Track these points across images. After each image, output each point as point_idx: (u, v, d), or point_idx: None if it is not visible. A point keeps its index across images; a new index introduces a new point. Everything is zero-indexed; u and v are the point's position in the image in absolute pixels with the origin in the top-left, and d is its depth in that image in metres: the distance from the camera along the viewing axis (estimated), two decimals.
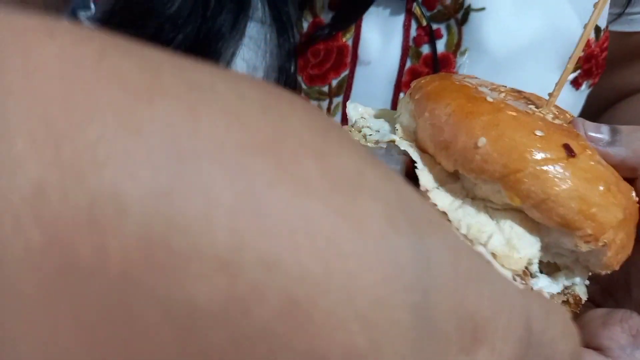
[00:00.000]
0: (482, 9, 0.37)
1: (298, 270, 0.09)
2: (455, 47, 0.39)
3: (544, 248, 0.23)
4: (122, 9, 0.36)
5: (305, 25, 0.38)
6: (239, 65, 0.36)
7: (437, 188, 0.23)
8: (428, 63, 0.38)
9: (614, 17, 0.45)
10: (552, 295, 0.24)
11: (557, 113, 0.25)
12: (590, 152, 0.22)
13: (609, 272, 0.24)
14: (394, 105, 0.39)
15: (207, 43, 0.35)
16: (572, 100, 0.43)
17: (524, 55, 0.39)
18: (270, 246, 0.09)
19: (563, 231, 0.21)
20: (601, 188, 0.21)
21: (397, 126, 0.25)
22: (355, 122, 0.26)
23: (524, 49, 0.39)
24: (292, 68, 0.37)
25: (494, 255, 0.21)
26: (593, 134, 0.24)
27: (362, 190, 0.11)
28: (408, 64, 0.38)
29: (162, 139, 0.09)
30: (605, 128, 0.24)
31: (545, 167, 0.21)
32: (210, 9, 0.35)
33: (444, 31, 0.38)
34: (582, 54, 0.41)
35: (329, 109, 0.39)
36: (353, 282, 0.10)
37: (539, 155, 0.21)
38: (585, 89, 0.45)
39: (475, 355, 0.13)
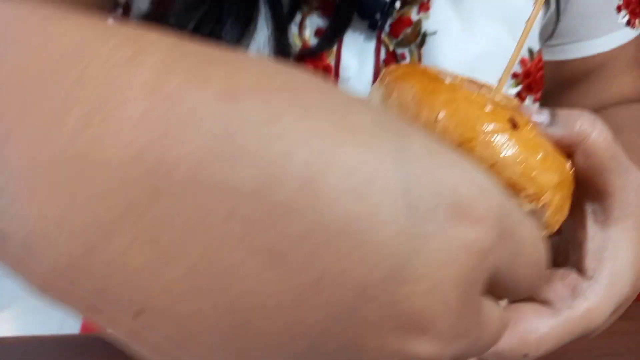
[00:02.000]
0: (435, 32, 0.46)
1: (305, 163, 0.13)
2: None
3: None
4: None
5: (296, 49, 0.45)
6: None
7: None
8: None
9: (548, 47, 0.53)
10: None
11: (505, 100, 0.29)
12: (531, 126, 0.26)
13: (550, 232, 0.28)
14: None
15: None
16: None
17: (473, 69, 0.45)
18: (286, 147, 0.13)
19: (510, 192, 0.25)
20: (540, 155, 0.25)
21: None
22: None
23: (472, 63, 0.47)
24: None
25: None
26: (536, 117, 0.28)
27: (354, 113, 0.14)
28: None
29: None
30: (545, 111, 0.28)
31: (493, 136, 0.24)
32: (221, 26, 0.41)
33: (407, 54, 0.47)
34: (519, 70, 0.47)
35: None
36: (348, 165, 0.13)
37: (488, 126, 0.25)
38: (529, 104, 0.52)
39: (458, 227, 0.14)
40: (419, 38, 0.46)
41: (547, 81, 0.55)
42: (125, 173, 0.12)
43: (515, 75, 0.49)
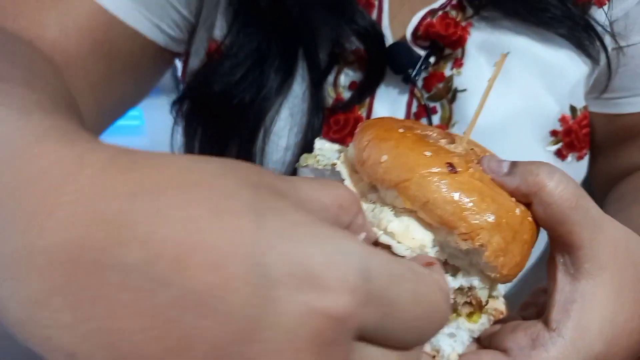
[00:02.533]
0: (464, 90, 0.47)
1: (180, 244, 0.16)
2: (448, 120, 0.48)
3: (440, 247, 0.28)
4: (200, 82, 0.48)
5: (330, 100, 0.48)
6: (281, 121, 0.47)
7: (361, 199, 0.30)
8: None
9: (594, 99, 0.52)
10: (454, 291, 0.29)
11: (471, 149, 0.31)
12: (472, 171, 0.28)
13: (502, 276, 0.28)
14: None
15: (265, 98, 0.46)
16: None
17: (504, 128, 0.47)
18: (167, 232, 0.16)
19: (445, 230, 0.27)
20: (475, 197, 0.27)
21: (341, 155, 0.33)
22: (314, 151, 0.34)
23: (504, 123, 0.46)
24: (319, 129, 0.47)
25: (392, 234, 0.27)
26: (495, 167, 0.30)
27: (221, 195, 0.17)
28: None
29: None
30: (506, 163, 0.30)
31: (428, 178, 0.27)
32: (264, 77, 0.46)
33: (438, 108, 0.48)
34: (559, 127, 0.47)
35: None
36: (212, 243, 0.16)
37: (424, 169, 0.27)
38: (572, 161, 0.50)
39: (309, 294, 0.16)
40: (450, 94, 0.47)
41: (599, 134, 0.53)
42: (54, 256, 0.16)
43: (554, 133, 0.48)
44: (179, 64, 0.56)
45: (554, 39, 0.46)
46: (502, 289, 0.32)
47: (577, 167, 0.51)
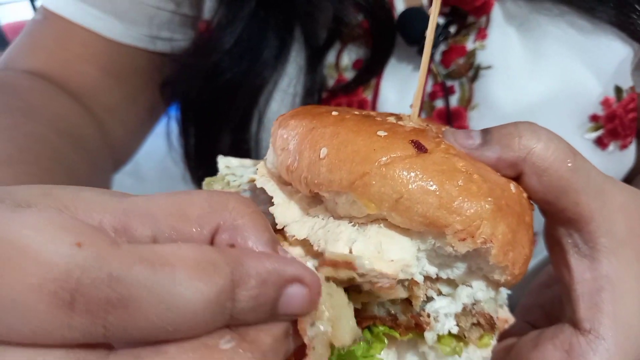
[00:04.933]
0: (489, 67, 0.39)
1: None
2: (467, 102, 0.40)
3: (427, 258, 0.20)
4: (194, 51, 0.45)
5: (331, 82, 0.41)
6: (274, 103, 0.41)
7: (298, 220, 0.21)
8: (441, 116, 0.40)
9: None
10: (457, 316, 0.21)
11: (424, 125, 0.23)
12: (444, 146, 0.21)
13: (511, 278, 0.21)
14: None
15: (257, 73, 0.41)
16: (599, 161, 0.39)
17: (535, 113, 0.39)
18: None
19: (433, 232, 0.19)
20: (460, 179, 0.19)
21: (259, 166, 0.24)
22: (219, 173, 0.25)
23: (535, 106, 0.39)
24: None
25: (359, 258, 0.18)
26: (464, 141, 0.22)
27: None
28: (423, 116, 0.41)
29: None
30: (476, 132, 0.23)
31: (392, 165, 0.19)
32: (260, 42, 0.42)
33: (457, 88, 0.40)
34: (600, 112, 0.40)
35: None
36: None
37: (383, 154, 0.19)
38: (614, 150, 0.42)
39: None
40: (471, 71, 0.39)
41: None
42: None
43: (594, 118, 0.40)
44: None
45: (597, 16, 0.39)
46: (504, 292, 0.24)
47: (621, 158, 0.43)
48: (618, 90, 0.40)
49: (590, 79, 0.39)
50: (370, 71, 0.40)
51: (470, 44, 0.39)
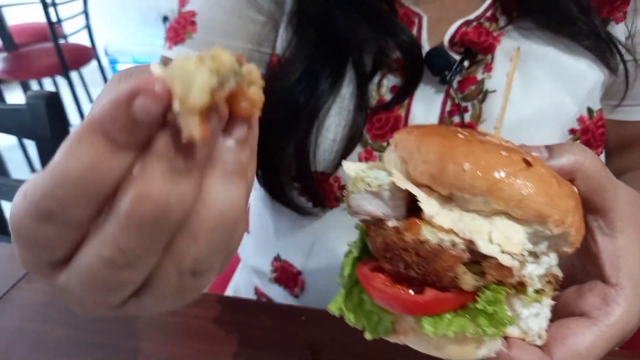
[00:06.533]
0: (494, 90, 0.52)
1: None
2: (477, 118, 0.53)
3: (529, 239, 0.29)
4: (269, 77, 0.54)
5: (373, 102, 0.53)
6: (331, 117, 0.52)
7: (439, 213, 0.29)
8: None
9: (610, 108, 0.58)
10: (539, 277, 0.31)
11: (504, 141, 0.32)
12: (538, 160, 0.30)
13: (573, 250, 0.31)
14: None
15: (319, 96, 0.51)
16: None
17: (529, 126, 0.52)
18: None
19: (539, 221, 0.28)
20: (555, 184, 0.29)
21: (393, 170, 0.31)
22: (356, 175, 0.32)
23: (528, 121, 0.51)
24: (362, 124, 0.53)
25: (499, 245, 0.27)
26: (536, 153, 0.32)
27: None
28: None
29: None
30: (543, 148, 0.32)
31: (515, 176, 0.28)
32: (320, 73, 0.51)
33: (470, 107, 0.53)
34: (577, 126, 0.52)
35: None
36: None
37: (509, 168, 0.28)
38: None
39: None
40: (481, 94, 0.52)
41: (610, 138, 0.58)
42: None
43: (573, 131, 0.52)
44: None
45: (576, 48, 0.51)
46: None
47: None
48: (590, 110, 0.54)
49: (569, 101, 0.53)
50: (404, 94, 0.53)
51: (479, 75, 0.52)
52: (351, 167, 0.33)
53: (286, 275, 0.64)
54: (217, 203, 0.20)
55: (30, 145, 2.56)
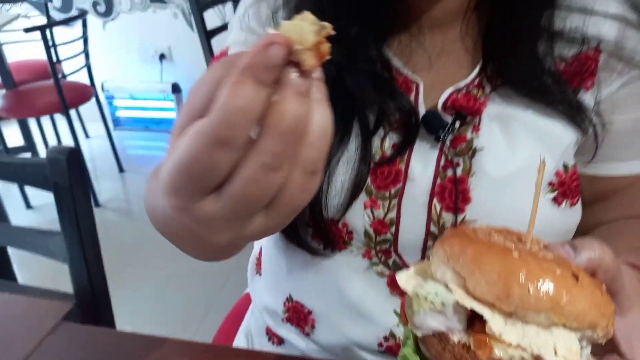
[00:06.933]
0: (482, 148, 0.59)
1: None
2: (468, 172, 0.60)
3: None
4: None
5: (377, 157, 0.60)
6: (339, 167, 0.59)
7: (504, 330, 0.32)
8: (451, 180, 0.60)
9: (583, 164, 0.65)
10: None
11: (536, 242, 0.36)
12: (581, 272, 0.34)
13: (605, 341, 0.36)
14: (429, 206, 0.59)
15: (330, 149, 0.57)
16: (555, 214, 0.60)
17: (515, 179, 0.59)
18: None
19: (591, 328, 0.33)
20: (598, 294, 0.33)
21: (453, 287, 0.34)
22: (417, 293, 0.34)
23: (512, 175, 0.59)
24: (367, 174, 0.60)
25: (564, 357, 0.31)
26: (562, 251, 0.36)
27: None
28: (438, 181, 0.60)
29: None
30: (567, 247, 0.37)
31: (571, 294, 0.32)
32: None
33: (461, 162, 0.60)
34: (555, 180, 0.60)
35: (388, 208, 0.60)
36: None
37: (565, 288, 0.32)
38: (566, 207, 0.61)
39: None
40: (470, 151, 0.59)
41: (584, 191, 0.65)
42: None
43: (550, 184, 0.60)
44: None
45: (552, 112, 0.59)
46: None
47: (572, 212, 0.63)
48: (565, 166, 0.62)
49: (548, 158, 0.61)
50: (403, 149, 0.61)
51: (469, 134, 0.60)
52: (404, 280, 0.35)
53: (297, 314, 0.70)
54: (323, 117, 0.29)
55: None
